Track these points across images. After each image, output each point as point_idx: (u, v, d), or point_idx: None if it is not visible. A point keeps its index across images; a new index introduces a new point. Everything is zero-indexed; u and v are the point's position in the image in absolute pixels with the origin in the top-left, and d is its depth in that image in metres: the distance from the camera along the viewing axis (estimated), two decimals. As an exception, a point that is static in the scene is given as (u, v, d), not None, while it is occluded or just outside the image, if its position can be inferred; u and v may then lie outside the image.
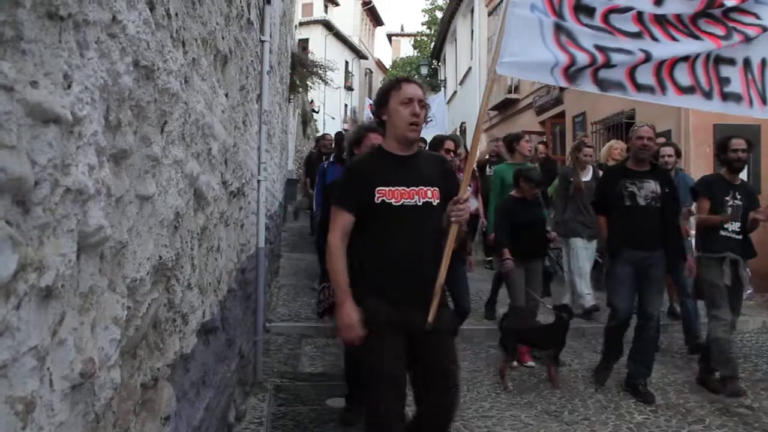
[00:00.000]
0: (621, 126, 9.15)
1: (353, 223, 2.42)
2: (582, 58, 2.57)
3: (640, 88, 2.66)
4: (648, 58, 2.62)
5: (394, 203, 2.38)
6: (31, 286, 0.91)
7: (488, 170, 7.74)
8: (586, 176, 6.11)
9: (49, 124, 0.95)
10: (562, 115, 11.76)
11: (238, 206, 3.27)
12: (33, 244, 0.93)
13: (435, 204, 2.44)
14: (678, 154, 5.76)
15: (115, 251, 1.31)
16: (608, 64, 2.59)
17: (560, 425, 3.80)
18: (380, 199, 2.38)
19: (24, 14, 0.87)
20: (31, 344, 0.91)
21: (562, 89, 11.44)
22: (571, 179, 6.12)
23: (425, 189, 2.43)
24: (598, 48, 2.60)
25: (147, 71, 1.45)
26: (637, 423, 3.84)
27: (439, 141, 4.55)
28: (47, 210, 0.97)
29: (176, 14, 1.73)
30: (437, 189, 2.45)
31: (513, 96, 13.71)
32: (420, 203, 2.41)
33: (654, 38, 2.66)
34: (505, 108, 14.47)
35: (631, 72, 2.64)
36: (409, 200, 2.40)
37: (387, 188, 2.39)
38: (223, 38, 2.54)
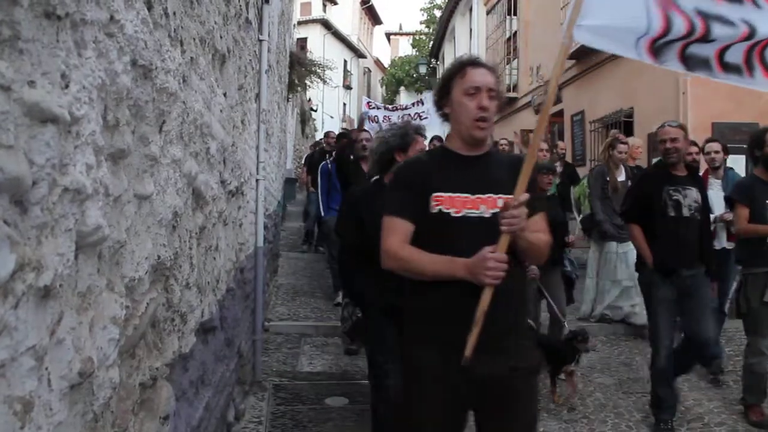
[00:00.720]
0: (620, 124, 9.13)
1: (413, 233, 1.95)
2: (678, 27, 2.14)
3: (726, 67, 2.27)
4: (751, 34, 2.20)
5: (453, 214, 1.91)
6: (29, 286, 0.91)
7: None
8: (620, 175, 5.76)
9: (47, 123, 0.95)
10: (560, 113, 11.75)
11: (236, 205, 3.27)
12: (31, 244, 0.93)
13: None
14: (726, 150, 5.16)
15: (114, 251, 1.31)
16: (706, 38, 2.17)
17: (559, 423, 3.81)
18: (437, 209, 1.91)
19: (21, 13, 0.87)
20: (29, 344, 0.91)
21: (561, 88, 11.46)
22: (608, 178, 5.70)
23: (495, 197, 1.92)
24: (700, 14, 2.16)
25: (145, 70, 1.45)
26: (635, 421, 3.85)
27: None
28: (45, 209, 0.97)
29: (174, 13, 1.73)
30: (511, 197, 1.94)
31: (511, 95, 13.71)
32: (487, 215, 1.90)
33: (756, 4, 2.21)
34: (504, 106, 14.47)
35: (724, 49, 2.24)
36: (473, 211, 1.91)
37: (446, 195, 1.92)
38: (221, 37, 2.54)
